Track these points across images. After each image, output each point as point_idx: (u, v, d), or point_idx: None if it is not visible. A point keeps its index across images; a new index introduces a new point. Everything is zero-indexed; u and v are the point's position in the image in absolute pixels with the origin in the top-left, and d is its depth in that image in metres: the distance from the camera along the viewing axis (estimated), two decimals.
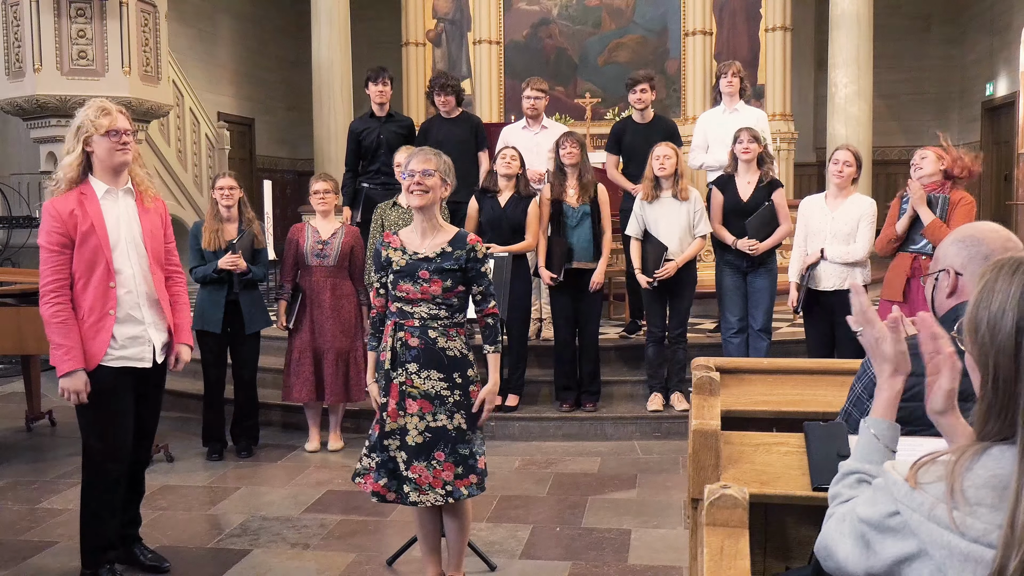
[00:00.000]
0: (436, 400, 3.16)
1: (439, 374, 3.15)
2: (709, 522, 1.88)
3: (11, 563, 3.79)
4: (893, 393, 1.55)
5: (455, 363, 3.17)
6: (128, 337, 3.40)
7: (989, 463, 1.18)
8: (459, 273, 3.17)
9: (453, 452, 3.16)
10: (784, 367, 3.07)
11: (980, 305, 1.25)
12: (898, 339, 1.55)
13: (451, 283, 3.17)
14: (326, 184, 5.32)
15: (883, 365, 1.57)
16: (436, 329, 3.16)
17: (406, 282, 3.18)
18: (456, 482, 3.17)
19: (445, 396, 3.16)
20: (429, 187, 3.18)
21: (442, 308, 3.17)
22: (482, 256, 3.22)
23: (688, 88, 9.68)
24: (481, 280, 3.22)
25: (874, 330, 1.58)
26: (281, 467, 5.14)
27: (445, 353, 3.16)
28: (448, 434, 3.16)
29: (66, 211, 3.28)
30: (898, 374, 1.55)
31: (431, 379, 3.15)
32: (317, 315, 5.25)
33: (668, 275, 5.34)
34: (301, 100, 11.81)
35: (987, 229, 2.11)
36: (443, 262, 3.17)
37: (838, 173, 4.97)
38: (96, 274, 3.32)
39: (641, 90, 6.07)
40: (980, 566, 1.12)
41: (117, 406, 3.42)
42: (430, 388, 3.16)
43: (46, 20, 7.40)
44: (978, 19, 12.29)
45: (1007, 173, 11.41)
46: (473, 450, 3.21)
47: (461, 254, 3.18)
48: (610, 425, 5.57)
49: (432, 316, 3.17)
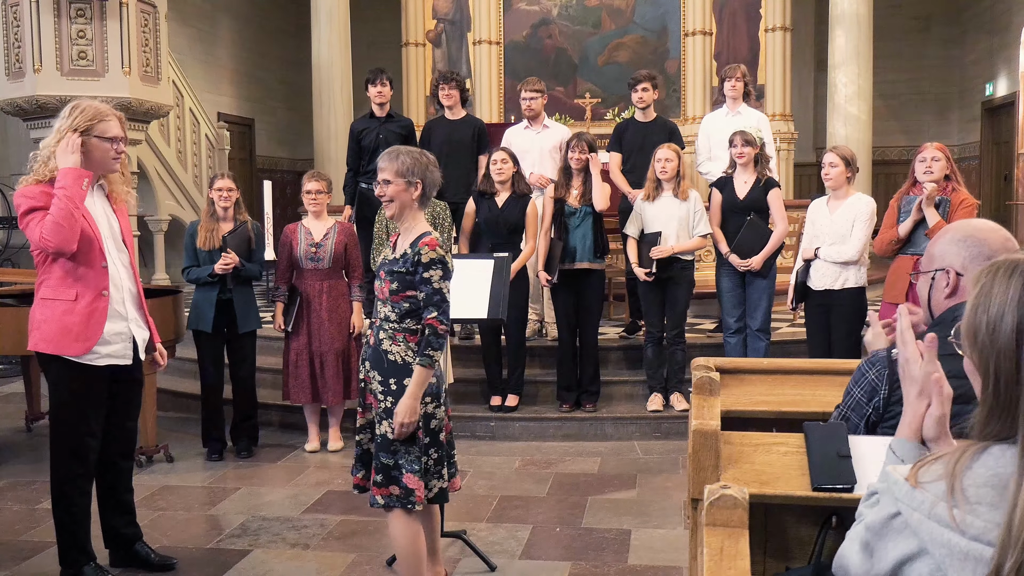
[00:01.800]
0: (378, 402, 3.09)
1: (380, 376, 3.06)
2: (709, 522, 1.88)
3: (11, 563, 3.78)
4: (915, 416, 1.55)
5: (394, 368, 3.03)
6: (114, 333, 3.38)
7: (990, 462, 1.18)
8: (406, 276, 3.01)
9: (376, 458, 3.06)
10: (784, 367, 3.06)
11: (978, 309, 1.25)
12: (929, 362, 1.55)
13: (397, 286, 3.02)
14: (318, 184, 5.32)
15: (910, 387, 1.57)
16: (385, 331, 3.06)
17: (378, 279, 3.13)
18: (375, 489, 3.06)
19: (380, 399, 3.06)
20: (391, 195, 3.04)
21: (393, 311, 3.05)
22: (428, 260, 2.96)
23: (688, 88, 9.68)
24: (423, 287, 2.98)
25: (907, 351, 1.58)
26: (281, 467, 5.14)
27: (387, 356, 3.04)
28: (375, 439, 3.09)
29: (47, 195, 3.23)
30: (923, 397, 1.55)
31: (375, 380, 3.08)
32: (315, 318, 5.25)
33: (663, 255, 5.36)
34: (301, 100, 11.81)
35: (987, 229, 2.09)
36: (398, 263, 3.04)
37: (825, 176, 5.04)
38: (90, 254, 3.28)
39: (643, 89, 6.11)
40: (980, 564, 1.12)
41: (90, 406, 3.40)
42: (374, 388, 3.09)
43: (46, 20, 7.39)
44: (978, 19, 12.29)
45: (1007, 173, 11.41)
46: (399, 462, 3.03)
47: (410, 255, 3.01)
48: (610, 425, 5.57)
49: (385, 318, 3.07)
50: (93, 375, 3.36)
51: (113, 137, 3.31)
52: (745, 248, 5.37)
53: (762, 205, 5.42)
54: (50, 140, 3.30)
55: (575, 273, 5.46)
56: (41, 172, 3.28)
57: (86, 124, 3.27)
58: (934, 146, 4.74)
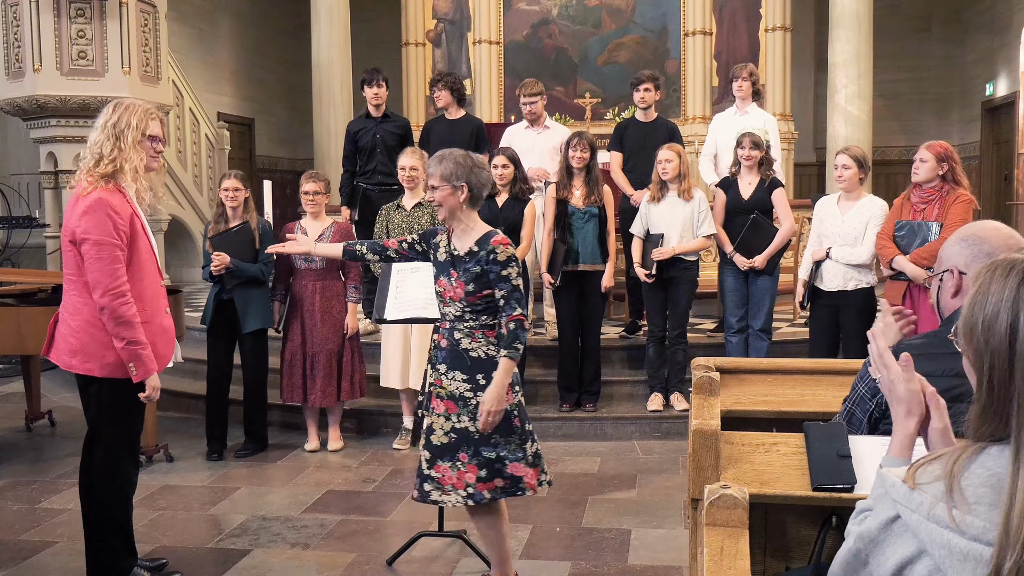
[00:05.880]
0: (460, 401, 3.16)
1: (463, 375, 3.15)
2: (709, 522, 1.88)
3: (11, 563, 3.78)
4: (907, 434, 1.55)
5: (479, 365, 3.14)
6: None
7: (987, 462, 1.18)
8: (480, 276, 3.11)
9: (476, 455, 3.15)
10: (784, 367, 3.06)
11: (975, 307, 1.25)
12: (910, 378, 1.55)
13: (473, 287, 3.11)
14: (316, 185, 5.33)
15: (897, 407, 1.57)
16: (461, 331, 3.16)
17: (444, 276, 3.19)
18: (478, 485, 3.15)
19: (468, 398, 3.15)
20: (439, 200, 3.15)
21: (467, 311, 3.14)
22: (505, 258, 3.09)
23: (688, 88, 9.68)
24: (502, 284, 3.10)
25: (890, 373, 1.58)
26: (281, 467, 5.14)
27: (469, 355, 3.15)
28: (471, 436, 3.15)
29: (125, 208, 3.18)
30: (912, 415, 1.55)
31: (456, 380, 3.16)
32: (308, 319, 5.25)
33: (665, 257, 5.36)
34: (301, 100, 11.80)
35: (989, 228, 2.12)
36: (468, 263, 3.14)
37: (838, 178, 5.01)
38: (150, 274, 3.27)
39: (645, 89, 6.12)
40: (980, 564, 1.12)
41: (139, 410, 3.41)
42: (455, 389, 3.16)
43: (46, 20, 7.40)
44: (978, 19, 12.29)
45: (1007, 173, 11.41)
46: (501, 454, 3.16)
47: (482, 255, 3.12)
48: (610, 425, 5.57)
49: (458, 318, 3.17)
50: None
51: (153, 136, 3.27)
52: (750, 246, 5.36)
53: (767, 206, 5.42)
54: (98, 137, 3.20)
55: (578, 274, 5.46)
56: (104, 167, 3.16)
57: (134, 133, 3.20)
58: (925, 146, 4.68)
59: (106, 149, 3.18)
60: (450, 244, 3.21)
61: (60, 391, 6.79)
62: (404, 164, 5.33)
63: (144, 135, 3.22)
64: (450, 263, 3.18)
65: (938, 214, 4.58)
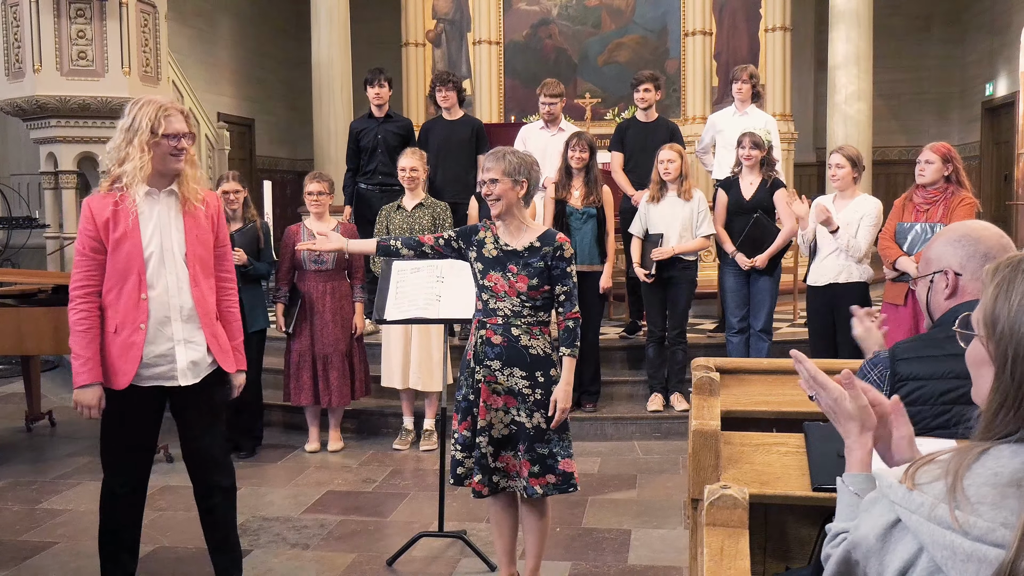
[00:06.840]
0: (518, 396, 3.18)
1: (522, 372, 3.16)
2: (709, 522, 1.88)
3: (11, 563, 3.78)
4: (866, 451, 1.52)
5: (537, 361, 3.16)
6: (157, 355, 3.14)
7: (989, 462, 1.18)
8: (545, 272, 3.15)
9: (530, 450, 3.17)
10: (784, 367, 3.06)
11: (999, 298, 1.25)
12: (857, 394, 1.51)
13: (537, 281, 3.15)
14: (320, 185, 5.32)
15: (848, 424, 1.52)
16: (519, 327, 3.16)
17: (496, 271, 3.18)
18: (531, 480, 3.17)
19: (526, 394, 3.17)
20: (498, 194, 3.16)
21: (526, 306, 3.16)
22: (569, 256, 3.18)
23: (688, 88, 9.67)
24: (565, 281, 3.17)
25: (829, 393, 1.53)
26: (281, 467, 5.14)
27: (528, 351, 3.16)
28: (526, 431, 3.17)
29: (101, 214, 3.05)
30: (866, 430, 1.52)
31: (514, 376, 3.16)
32: (318, 320, 5.25)
33: (664, 257, 5.36)
34: (301, 100, 11.80)
35: (980, 227, 2.11)
36: (530, 258, 3.15)
37: (832, 177, 5.04)
38: (128, 284, 3.08)
39: (645, 89, 6.13)
40: (984, 566, 1.11)
41: (136, 427, 3.21)
42: (513, 384, 3.17)
43: (46, 20, 7.39)
44: (978, 19, 12.29)
45: (1007, 173, 11.40)
46: (554, 451, 3.19)
47: (548, 251, 3.16)
48: (610, 425, 5.57)
49: (515, 313, 3.16)
50: (138, 394, 3.16)
51: (168, 133, 3.06)
52: (751, 246, 5.36)
53: (768, 206, 5.42)
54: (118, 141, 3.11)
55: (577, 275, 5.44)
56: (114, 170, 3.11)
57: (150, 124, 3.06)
58: (930, 148, 4.68)
59: (118, 152, 3.11)
60: (498, 240, 3.21)
61: (60, 391, 6.79)
62: (404, 165, 5.32)
63: (157, 135, 3.04)
64: (503, 258, 3.18)
65: (942, 216, 4.59)
